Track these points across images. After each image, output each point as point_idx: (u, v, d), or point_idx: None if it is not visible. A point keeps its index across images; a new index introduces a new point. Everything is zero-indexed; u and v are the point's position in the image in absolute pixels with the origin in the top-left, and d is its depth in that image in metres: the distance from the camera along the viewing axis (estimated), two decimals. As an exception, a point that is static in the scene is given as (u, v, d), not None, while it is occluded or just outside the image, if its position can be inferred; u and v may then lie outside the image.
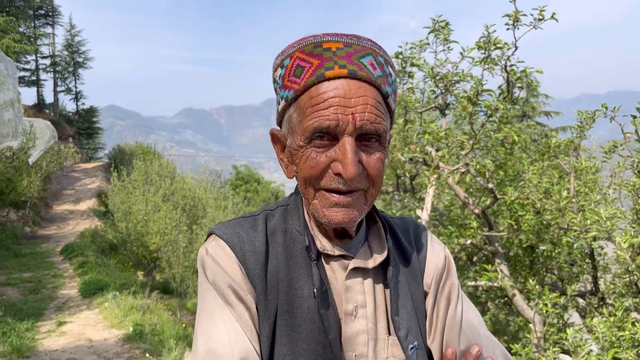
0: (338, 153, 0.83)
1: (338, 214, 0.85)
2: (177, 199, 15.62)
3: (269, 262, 0.92)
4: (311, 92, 0.84)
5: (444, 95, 3.30)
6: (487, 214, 3.06)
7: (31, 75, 33.77)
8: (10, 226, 17.27)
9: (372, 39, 0.88)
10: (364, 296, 0.92)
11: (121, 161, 27.10)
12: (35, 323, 7.94)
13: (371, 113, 0.82)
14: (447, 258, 1.03)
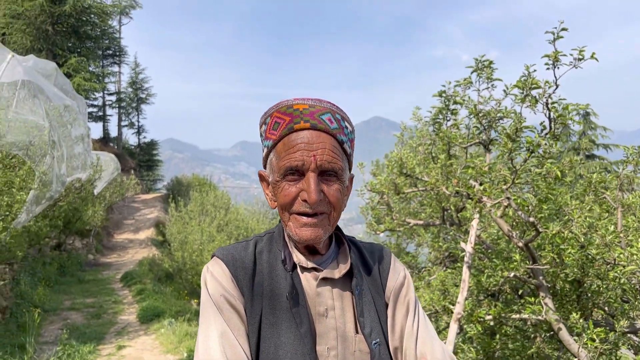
0: (304, 184, 1.09)
1: (307, 232, 1.11)
2: (230, 230, 16.06)
3: (255, 275, 1.18)
4: (284, 140, 1.14)
5: (487, 131, 3.41)
6: (531, 248, 3.11)
7: (98, 111, 35.83)
8: (75, 254, 18.19)
9: (331, 102, 1.16)
10: (333, 301, 1.16)
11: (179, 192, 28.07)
12: (97, 346, 8.35)
13: (328, 155, 1.11)
14: (407, 277, 1.26)
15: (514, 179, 2.95)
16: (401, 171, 4.19)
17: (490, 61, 3.50)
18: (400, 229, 4.96)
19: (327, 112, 1.14)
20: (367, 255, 1.27)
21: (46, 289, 12.61)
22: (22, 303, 10.58)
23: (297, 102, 1.15)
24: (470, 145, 3.52)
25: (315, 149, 1.11)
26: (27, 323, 8.79)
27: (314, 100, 1.16)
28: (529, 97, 2.99)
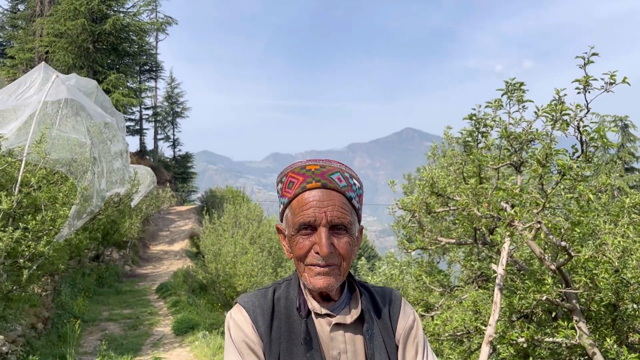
0: (317, 238, 1.20)
1: (320, 281, 1.21)
2: (263, 242, 16.23)
3: (273, 320, 1.29)
4: (298, 198, 1.25)
5: (518, 153, 3.42)
6: (563, 271, 3.10)
7: (135, 125, 36.78)
8: (113, 265, 18.66)
9: (340, 162, 1.29)
10: (345, 345, 1.26)
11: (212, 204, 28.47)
12: (133, 357, 8.56)
13: (337, 211, 1.22)
14: (415, 320, 1.35)
15: (544, 203, 2.96)
16: (432, 190, 4.23)
17: (521, 83, 3.51)
18: (432, 247, 4.97)
19: (336, 172, 1.26)
20: (378, 299, 1.35)
21: (85, 299, 12.99)
22: (63, 313, 10.93)
23: (309, 163, 1.28)
24: (501, 167, 3.53)
25: (325, 205, 1.22)
26: (68, 333, 9.09)
27: (324, 161, 1.29)
28: (559, 121, 3.00)
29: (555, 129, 3.04)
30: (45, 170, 8.16)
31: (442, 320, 3.89)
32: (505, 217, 3.06)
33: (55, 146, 8.85)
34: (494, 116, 3.65)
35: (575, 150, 3.14)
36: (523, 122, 3.53)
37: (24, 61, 24.28)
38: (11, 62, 24.46)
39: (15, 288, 7.67)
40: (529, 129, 3.37)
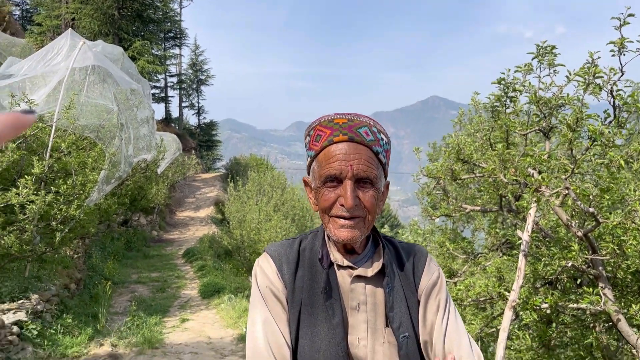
0: (342, 191, 1.22)
1: (344, 233, 1.23)
2: (287, 209, 16.37)
3: (298, 270, 1.33)
4: (325, 151, 1.26)
5: (547, 119, 3.35)
6: (590, 238, 3.06)
7: (160, 92, 37.03)
8: (141, 230, 19.11)
9: (368, 117, 1.28)
10: (365, 296, 1.29)
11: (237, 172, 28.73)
12: (162, 318, 8.83)
13: (363, 165, 1.22)
14: (440, 277, 1.36)
15: (573, 169, 2.91)
16: (458, 157, 4.18)
17: (552, 46, 3.41)
18: (457, 215, 4.96)
19: (364, 126, 1.26)
20: (403, 254, 1.36)
21: (115, 262, 13.37)
22: (94, 275, 11.29)
23: (337, 116, 1.28)
24: (529, 132, 3.47)
25: (352, 159, 1.22)
26: (99, 294, 9.41)
27: (352, 115, 1.28)
28: (592, 84, 2.92)
29: (587, 93, 2.96)
30: (75, 136, 8.32)
31: (465, 286, 3.90)
32: (532, 183, 3.02)
33: (83, 112, 8.98)
34: (524, 81, 3.56)
35: (607, 115, 3.06)
36: (553, 86, 3.44)
37: (50, 28, 24.47)
38: (38, 29, 24.68)
39: (48, 250, 7.93)
40: (560, 93, 3.28)
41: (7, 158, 6.81)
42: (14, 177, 7.48)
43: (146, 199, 18.36)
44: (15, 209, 6.74)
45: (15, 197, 6.58)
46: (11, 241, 6.59)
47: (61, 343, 6.84)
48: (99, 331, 7.75)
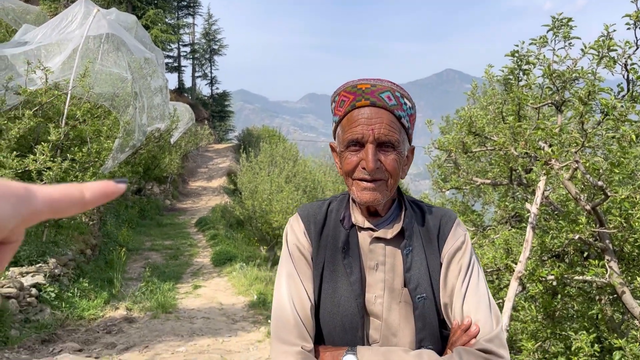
0: (364, 154, 1.27)
1: (366, 195, 1.28)
2: (298, 181, 16.46)
3: (324, 229, 1.40)
4: (348, 116, 1.30)
5: (560, 92, 3.34)
6: (598, 211, 3.09)
7: (173, 62, 36.95)
8: (154, 199, 19.36)
9: (392, 81, 1.30)
10: (384, 257, 1.34)
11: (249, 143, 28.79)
12: (175, 285, 9.05)
13: (385, 129, 1.26)
14: (465, 242, 1.36)
15: (583, 142, 2.92)
16: (470, 130, 4.19)
17: (568, 19, 3.38)
18: (467, 187, 4.99)
19: (386, 91, 1.28)
20: (430, 218, 1.39)
21: (129, 230, 13.61)
22: (109, 242, 11.53)
23: (361, 82, 1.30)
24: (541, 106, 3.46)
25: (373, 123, 1.26)
26: (114, 260, 9.63)
27: (375, 80, 1.30)
28: (606, 58, 2.90)
29: (601, 67, 2.94)
30: (90, 104, 8.40)
31: (473, 256, 3.95)
32: (542, 156, 3.04)
33: (98, 80, 9.05)
34: (538, 54, 3.54)
35: (620, 89, 3.05)
36: (568, 59, 3.42)
37: (64, -5, 24.37)
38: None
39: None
40: (574, 67, 3.27)
41: (23, 125, 6.92)
42: (30, 144, 7.62)
43: (159, 168, 18.55)
44: (33, 175, 6.88)
45: (33, 164, 6.71)
46: (29, 206, 6.74)
47: (78, 306, 7.05)
48: (114, 295, 7.97)
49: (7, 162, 6.50)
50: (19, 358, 5.24)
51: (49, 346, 5.61)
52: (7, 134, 6.75)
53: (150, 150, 15.87)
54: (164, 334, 6.14)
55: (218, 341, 5.96)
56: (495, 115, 4.09)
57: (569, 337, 3.75)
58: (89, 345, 5.74)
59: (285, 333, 1.27)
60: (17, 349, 5.46)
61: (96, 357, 5.29)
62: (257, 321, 6.95)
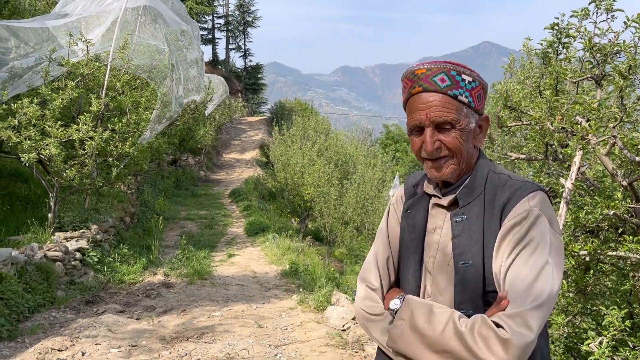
0: (424, 138, 1.40)
1: (433, 172, 1.43)
2: (330, 155, 16.52)
3: (413, 195, 1.59)
4: (408, 103, 1.44)
5: (601, 66, 3.28)
6: (635, 187, 3.07)
7: (208, 34, 37.09)
8: (189, 170, 19.77)
9: (449, 61, 1.43)
10: (442, 222, 1.46)
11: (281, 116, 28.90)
12: (210, 253, 9.33)
13: (438, 111, 1.36)
14: (530, 216, 1.32)
15: (622, 117, 2.89)
16: (505, 104, 4.16)
17: (612, -10, 3.29)
18: (501, 162, 4.96)
19: (440, 72, 1.38)
20: (504, 189, 1.38)
21: (165, 199, 14.00)
22: (146, 210, 11.91)
23: (418, 67, 1.42)
24: (581, 80, 3.42)
25: (427, 108, 1.37)
26: (152, 228, 9.96)
27: (431, 63, 1.41)
28: (650, 31, 2.84)
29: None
30: (128, 76, 8.59)
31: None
32: (579, 131, 3.02)
33: (136, 52, 9.22)
34: (579, 26, 3.47)
35: (664, 63, 2.99)
36: (610, 32, 3.35)
37: (102, -32, 24.64)
38: (90, -32, 24.89)
39: (105, 184, 8.40)
40: (616, 39, 3.20)
41: (67, 95, 7.15)
42: (72, 115, 7.87)
43: (194, 139, 18.87)
44: (76, 144, 7.14)
45: (76, 133, 6.96)
46: (72, 174, 7.02)
47: (119, 270, 7.37)
48: (152, 262, 8.28)
49: (52, 131, 6.75)
50: (65, 317, 5.55)
51: (93, 307, 5.92)
52: (51, 104, 6.99)
53: (186, 122, 16.15)
54: (200, 299, 6.38)
55: (252, 307, 6.16)
56: (532, 89, 4.05)
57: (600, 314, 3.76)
58: (129, 307, 6.03)
59: (365, 273, 1.57)
60: (64, 308, 5.77)
61: (137, 318, 5.55)
62: (289, 289, 7.14)
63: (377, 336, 1.45)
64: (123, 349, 4.55)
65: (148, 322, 5.39)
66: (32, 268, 5.89)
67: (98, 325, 5.08)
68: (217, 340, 4.91)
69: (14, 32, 8.35)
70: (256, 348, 4.72)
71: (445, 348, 1.26)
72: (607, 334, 3.22)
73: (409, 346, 1.33)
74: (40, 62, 7.94)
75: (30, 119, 6.71)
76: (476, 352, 1.21)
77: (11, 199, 8.24)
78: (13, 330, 4.91)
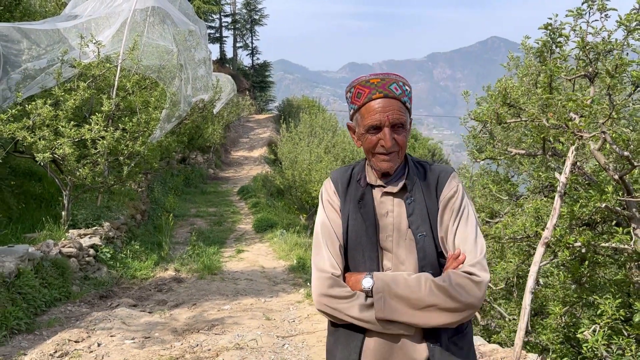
0: (382, 135, 1.67)
1: (384, 164, 1.69)
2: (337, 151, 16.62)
3: (349, 187, 1.80)
4: (366, 106, 1.68)
5: (593, 64, 3.40)
6: (626, 180, 3.18)
7: (215, 33, 37.29)
8: (198, 167, 19.98)
9: (395, 74, 1.65)
10: (393, 207, 1.74)
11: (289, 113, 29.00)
12: (219, 249, 9.51)
13: (396, 114, 1.66)
14: (458, 190, 1.73)
15: (610, 114, 3.01)
16: (504, 101, 4.28)
17: (605, -10, 3.40)
18: (501, 158, 5.09)
19: (393, 83, 1.68)
20: (430, 174, 1.77)
21: (174, 197, 14.20)
22: (157, 208, 12.12)
23: (372, 77, 1.70)
24: (575, 77, 3.53)
25: (387, 111, 1.65)
26: (163, 225, 10.16)
27: (383, 74, 1.69)
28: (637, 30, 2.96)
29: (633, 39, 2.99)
30: (138, 76, 8.78)
31: (503, 224, 4.12)
32: (572, 127, 3.15)
33: (145, 53, 9.40)
34: (574, 25, 3.59)
35: (653, 61, 3.10)
36: (604, 31, 3.46)
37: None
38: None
39: (116, 182, 8.60)
40: (608, 38, 3.31)
41: (79, 96, 7.35)
42: (84, 115, 8.08)
43: (203, 138, 19.07)
44: (88, 143, 7.34)
45: (89, 133, 7.16)
46: (85, 173, 7.23)
47: (131, 266, 7.58)
48: (163, 258, 8.48)
49: (65, 131, 6.96)
50: (80, 311, 5.75)
51: (107, 301, 6.12)
52: (64, 105, 7.19)
53: (194, 121, 16.34)
54: (210, 293, 6.56)
55: (260, 301, 6.33)
56: (530, 86, 4.17)
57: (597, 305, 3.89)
58: (142, 302, 6.22)
59: (321, 264, 1.72)
60: (79, 303, 5.98)
61: (149, 311, 5.74)
62: (296, 284, 7.30)
63: (355, 314, 1.65)
64: (137, 340, 4.74)
65: (160, 315, 5.58)
66: (48, 264, 6.09)
67: (112, 318, 5.27)
68: (227, 331, 5.09)
69: (26, 34, 8.55)
70: (264, 339, 4.89)
71: (429, 303, 1.57)
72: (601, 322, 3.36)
73: (396, 311, 1.60)
74: (53, 63, 8.14)
75: (44, 119, 6.91)
76: (458, 298, 1.55)
77: (26, 198, 8.46)
78: (31, 323, 5.12)
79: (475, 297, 1.57)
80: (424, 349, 1.65)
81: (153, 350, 4.55)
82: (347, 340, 1.72)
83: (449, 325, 1.59)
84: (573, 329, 4.37)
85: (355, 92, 1.71)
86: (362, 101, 1.68)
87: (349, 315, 1.65)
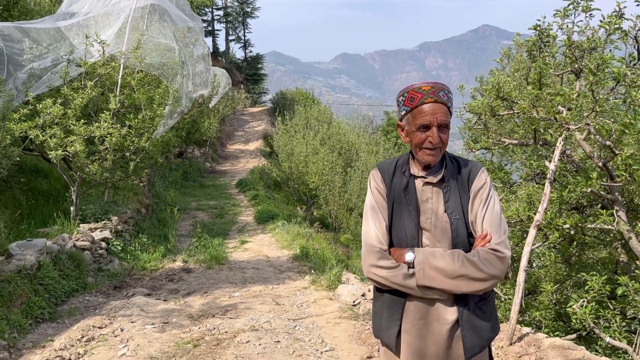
0: (431, 133, 2.00)
1: (429, 158, 2.03)
2: (333, 143, 16.86)
3: (394, 177, 2.14)
4: (419, 108, 2.01)
5: (579, 61, 3.70)
6: (609, 167, 3.50)
7: (207, 26, 37.30)
8: (195, 161, 20.21)
9: (442, 83, 1.99)
10: (432, 194, 2.08)
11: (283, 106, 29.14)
12: (223, 240, 9.81)
13: (443, 117, 2.00)
14: (486, 183, 2.06)
15: (594, 107, 3.32)
16: (498, 95, 4.59)
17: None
18: (495, 147, 5.41)
19: (441, 90, 2.01)
20: (463, 167, 2.11)
21: (175, 191, 14.45)
22: (159, 202, 12.38)
23: (423, 84, 2.03)
24: (562, 73, 3.83)
25: (436, 113, 1.98)
26: (167, 218, 10.44)
27: (432, 83, 2.02)
28: (619, 30, 3.26)
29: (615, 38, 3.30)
30: (142, 74, 9.01)
31: (498, 209, 4.44)
32: (560, 119, 3.46)
33: (146, 51, 9.61)
34: (561, 24, 3.89)
35: (632, 58, 3.41)
36: (588, 30, 3.77)
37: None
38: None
39: (122, 177, 8.85)
40: (593, 37, 3.62)
41: (87, 95, 7.59)
42: (89, 112, 8.31)
43: (199, 132, 19.29)
44: (96, 140, 7.59)
45: (98, 130, 7.41)
46: (95, 169, 7.49)
47: (140, 258, 7.86)
48: (169, 249, 8.77)
49: (76, 129, 7.21)
50: (97, 300, 6.04)
51: (122, 291, 6.41)
52: (72, 104, 7.43)
53: (191, 115, 16.56)
54: (219, 282, 6.87)
55: (268, 288, 6.65)
56: (521, 81, 4.48)
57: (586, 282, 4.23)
58: (155, 291, 6.52)
59: (370, 241, 2.06)
60: (95, 293, 6.27)
61: (164, 299, 6.04)
62: (301, 271, 7.62)
63: (399, 281, 1.99)
64: (157, 325, 5.04)
65: (175, 302, 5.88)
66: (64, 257, 6.37)
67: (131, 306, 5.57)
68: (241, 315, 5.40)
69: (27, 33, 8.73)
70: (277, 321, 5.21)
71: (460, 274, 1.91)
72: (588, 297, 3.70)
73: (433, 279, 1.94)
74: (57, 62, 8.35)
75: (54, 118, 7.15)
76: (485, 270, 1.89)
77: (34, 194, 8.71)
78: (53, 312, 5.41)
79: (499, 270, 1.91)
80: (455, 311, 1.99)
81: (174, 333, 4.85)
82: (391, 303, 2.06)
83: (475, 292, 1.93)
84: (564, 306, 4.72)
85: (409, 97, 2.02)
86: (415, 104, 2.00)
87: (394, 282, 1.99)
